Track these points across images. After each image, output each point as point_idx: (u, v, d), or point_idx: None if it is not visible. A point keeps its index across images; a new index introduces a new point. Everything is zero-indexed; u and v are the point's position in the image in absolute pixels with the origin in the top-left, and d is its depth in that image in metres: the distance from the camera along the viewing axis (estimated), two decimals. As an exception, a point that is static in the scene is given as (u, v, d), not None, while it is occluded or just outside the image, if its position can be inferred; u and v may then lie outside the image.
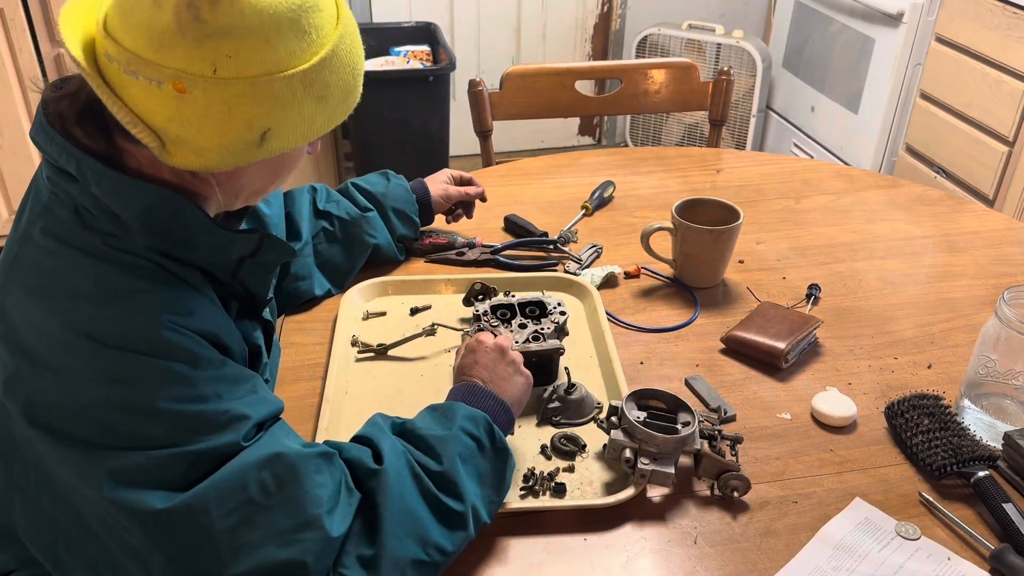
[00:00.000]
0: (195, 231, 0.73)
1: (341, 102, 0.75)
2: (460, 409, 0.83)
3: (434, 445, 0.78)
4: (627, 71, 1.83)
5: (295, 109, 0.70)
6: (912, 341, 1.13)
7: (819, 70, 2.93)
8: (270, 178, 0.80)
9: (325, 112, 0.74)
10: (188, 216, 0.73)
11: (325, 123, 0.75)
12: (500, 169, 1.62)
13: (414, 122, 2.73)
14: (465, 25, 3.25)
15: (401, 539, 0.72)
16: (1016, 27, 2.08)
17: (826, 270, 1.29)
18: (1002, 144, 2.16)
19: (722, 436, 0.90)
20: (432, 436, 0.79)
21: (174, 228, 0.72)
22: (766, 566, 0.80)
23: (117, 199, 0.70)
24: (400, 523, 0.72)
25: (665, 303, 1.20)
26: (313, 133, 0.74)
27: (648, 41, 3.18)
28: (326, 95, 0.72)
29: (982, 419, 0.97)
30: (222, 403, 0.70)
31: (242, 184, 0.78)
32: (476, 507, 0.78)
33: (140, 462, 0.67)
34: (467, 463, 0.78)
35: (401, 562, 0.71)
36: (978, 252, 1.34)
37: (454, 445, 0.78)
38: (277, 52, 0.68)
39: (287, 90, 0.69)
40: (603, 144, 3.66)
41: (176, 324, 0.70)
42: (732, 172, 1.61)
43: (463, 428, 0.80)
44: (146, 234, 0.72)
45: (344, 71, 0.74)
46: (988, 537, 0.83)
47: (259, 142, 0.70)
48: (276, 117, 0.70)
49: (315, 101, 0.72)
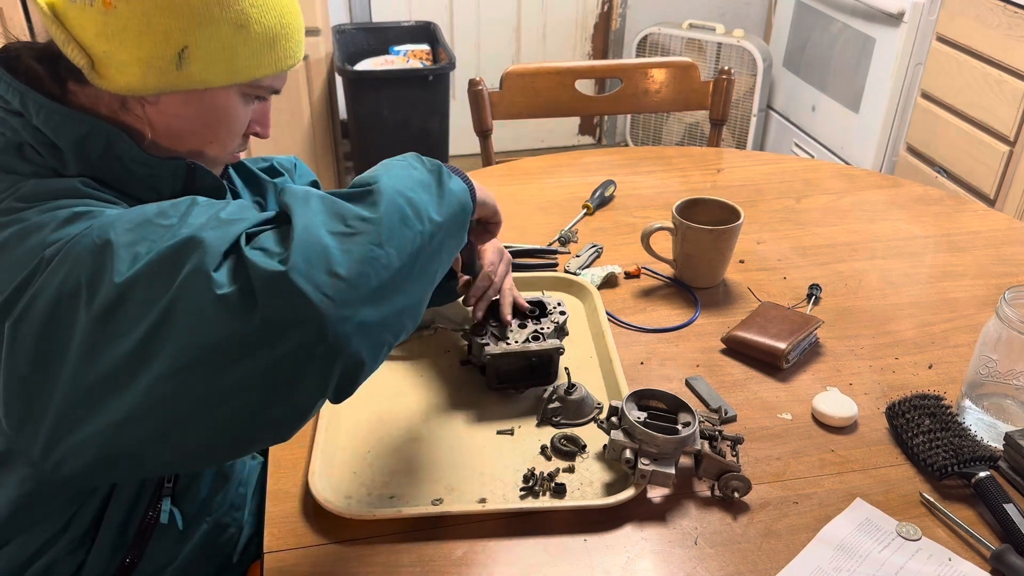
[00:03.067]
0: (127, 162, 0.77)
1: (266, 46, 0.78)
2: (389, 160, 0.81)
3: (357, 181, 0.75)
4: (627, 70, 1.83)
5: (212, 29, 0.74)
6: (913, 341, 1.13)
7: (820, 69, 2.93)
8: (203, 124, 0.80)
9: (247, 47, 0.76)
10: (120, 147, 0.76)
11: (249, 63, 0.77)
12: (500, 169, 1.62)
13: (414, 122, 2.72)
14: (465, 25, 3.25)
15: (313, 212, 0.66)
16: (1017, 26, 2.07)
17: (827, 270, 1.28)
18: (1003, 144, 2.16)
19: (723, 436, 0.90)
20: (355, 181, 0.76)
21: (107, 159, 0.76)
22: (767, 567, 0.80)
23: (54, 129, 0.75)
24: (306, 201, 0.68)
25: (665, 303, 1.20)
26: (238, 71, 0.77)
27: (648, 40, 3.18)
28: (246, 24, 0.75)
29: (983, 419, 0.96)
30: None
31: (171, 123, 0.79)
32: (405, 194, 0.72)
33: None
34: (390, 170, 0.75)
35: (313, 228, 0.65)
36: (979, 252, 1.34)
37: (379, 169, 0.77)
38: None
39: (203, 6, 0.73)
40: (603, 144, 3.66)
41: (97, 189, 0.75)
42: (732, 172, 1.61)
43: (386, 161, 0.79)
44: (80, 164, 0.76)
45: (267, 9, 0.77)
46: (989, 538, 0.83)
47: (178, 61, 0.74)
48: (193, 35, 0.73)
49: (234, 28, 0.75)
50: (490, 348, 0.98)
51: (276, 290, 0.61)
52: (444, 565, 0.80)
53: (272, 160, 1.12)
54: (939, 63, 2.35)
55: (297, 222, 0.65)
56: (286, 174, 1.11)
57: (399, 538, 0.82)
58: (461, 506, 0.85)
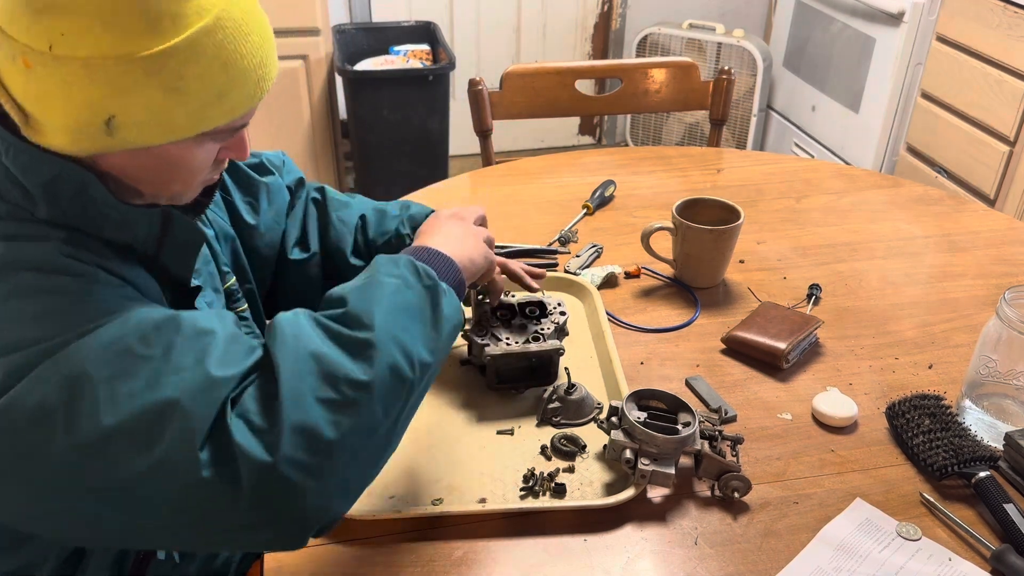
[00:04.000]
0: (100, 206, 0.72)
1: (210, 100, 0.69)
2: (379, 261, 0.78)
3: (344, 295, 0.73)
4: (627, 70, 1.83)
5: (139, 98, 0.66)
6: (913, 341, 1.13)
7: (820, 69, 2.93)
8: (160, 175, 0.75)
9: (186, 108, 0.68)
10: (92, 191, 0.71)
11: (191, 120, 0.69)
12: (500, 169, 1.62)
13: (414, 122, 2.73)
14: (465, 25, 3.25)
15: (301, 375, 0.66)
16: (1017, 26, 2.07)
17: (827, 270, 1.28)
18: (1003, 144, 2.16)
19: (723, 436, 0.90)
20: (343, 289, 0.75)
21: (80, 202, 0.71)
22: (767, 567, 0.80)
23: (22, 169, 0.70)
24: (298, 360, 0.66)
25: (665, 303, 1.20)
26: (178, 130, 0.69)
27: (648, 40, 3.18)
28: (180, 87, 0.67)
29: (983, 419, 0.96)
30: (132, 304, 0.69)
31: (125, 171, 0.74)
32: (398, 338, 0.70)
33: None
34: (383, 300, 0.73)
35: (303, 398, 0.65)
36: (979, 252, 1.34)
37: (367, 288, 0.74)
38: (114, 35, 0.64)
39: (123, 75, 0.65)
40: (603, 144, 3.66)
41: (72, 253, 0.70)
42: (732, 172, 1.61)
43: (383, 271, 0.76)
44: (50, 207, 0.71)
45: (208, 64, 0.68)
46: (989, 538, 0.83)
47: (107, 130, 0.67)
48: (118, 104, 0.67)
49: (165, 92, 0.67)
50: (490, 348, 0.98)
51: (263, 481, 0.63)
52: (444, 565, 0.80)
53: (262, 156, 1.08)
54: (939, 63, 2.35)
55: (284, 385, 0.65)
56: (275, 171, 1.08)
57: (399, 538, 0.82)
58: (461, 506, 0.85)
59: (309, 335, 0.69)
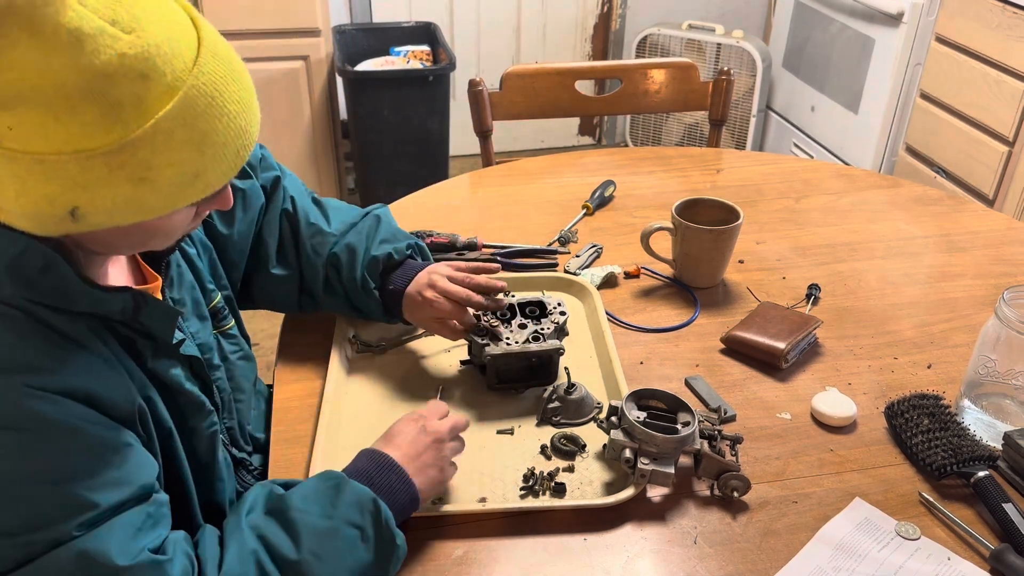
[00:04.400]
0: (69, 287, 0.67)
1: (185, 183, 0.64)
2: (349, 491, 0.75)
3: (302, 531, 0.71)
4: (627, 71, 1.83)
5: (105, 191, 0.61)
6: (912, 341, 1.13)
7: (819, 70, 2.94)
8: (136, 239, 0.71)
9: (159, 194, 0.63)
10: (59, 271, 0.66)
11: (166, 203, 0.64)
12: (500, 169, 1.62)
13: (414, 122, 2.73)
14: (465, 25, 3.26)
15: None
16: (1016, 27, 2.08)
17: (826, 270, 1.29)
18: (1002, 144, 2.16)
19: (722, 436, 0.90)
20: (305, 517, 0.73)
21: (48, 280, 0.66)
22: (766, 566, 0.80)
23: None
24: None
25: (665, 303, 1.20)
26: (151, 211, 0.64)
27: (648, 41, 3.18)
28: (150, 177, 0.62)
29: (982, 419, 0.97)
30: (67, 486, 0.63)
31: (100, 245, 0.70)
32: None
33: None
34: (337, 559, 0.71)
35: None
36: (978, 252, 1.34)
37: (327, 536, 0.72)
38: (68, 129, 0.58)
39: (83, 171, 0.60)
40: (603, 144, 3.66)
41: (30, 387, 0.63)
42: (732, 172, 1.61)
43: (345, 517, 0.73)
44: (15, 284, 0.66)
45: (179, 150, 0.62)
46: (988, 537, 0.83)
47: (71, 218, 0.62)
48: (81, 198, 0.61)
49: (133, 184, 0.61)
50: (490, 348, 0.98)
51: None
52: (444, 564, 0.80)
53: None
54: (938, 63, 2.35)
55: None
56: (252, 172, 1.03)
57: (399, 537, 0.82)
58: (461, 506, 0.85)
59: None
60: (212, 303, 0.93)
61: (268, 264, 1.04)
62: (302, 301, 1.08)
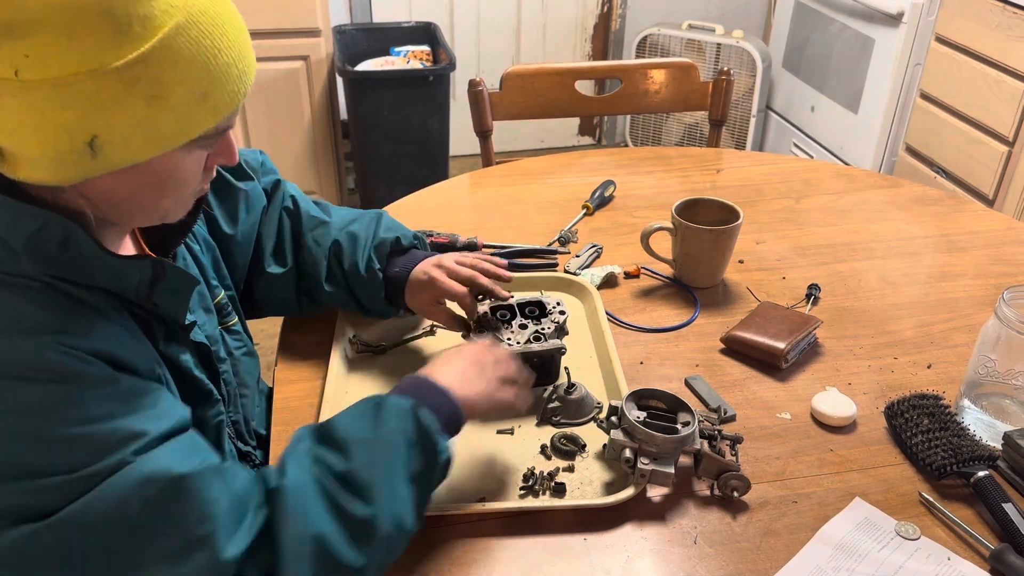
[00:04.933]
0: (88, 256, 0.69)
1: (194, 104, 0.66)
2: (388, 405, 0.77)
3: (350, 446, 0.74)
4: (627, 71, 1.83)
5: (120, 112, 0.63)
6: (912, 341, 1.13)
7: (819, 70, 2.94)
8: (151, 193, 0.71)
9: (171, 114, 0.65)
10: (78, 242, 0.68)
11: (178, 128, 0.66)
12: (500, 169, 1.62)
13: (414, 122, 2.73)
14: (465, 25, 3.26)
15: (301, 562, 0.68)
16: (1016, 27, 2.08)
17: (826, 270, 1.29)
18: (1002, 144, 2.16)
19: (722, 436, 0.90)
20: (352, 433, 0.75)
21: (66, 253, 0.68)
22: (766, 566, 0.80)
23: (4, 224, 0.67)
24: (300, 546, 0.68)
25: (665, 303, 1.20)
26: (166, 140, 0.66)
27: (648, 41, 3.18)
28: (162, 94, 0.64)
29: (982, 419, 0.97)
30: (114, 422, 0.66)
31: (111, 196, 0.70)
32: (395, 511, 0.73)
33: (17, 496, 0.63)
34: (387, 465, 0.74)
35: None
36: (978, 252, 1.34)
37: (374, 446, 0.74)
38: (83, 48, 0.60)
39: (100, 90, 0.61)
40: (603, 144, 3.66)
41: (62, 345, 0.65)
42: (732, 172, 1.61)
43: (388, 428, 0.76)
44: (34, 260, 0.67)
45: (187, 65, 0.64)
46: (988, 537, 0.83)
47: (90, 151, 0.63)
48: (98, 121, 0.62)
49: (147, 102, 0.63)
50: None
51: None
52: (444, 565, 0.80)
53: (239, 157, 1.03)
54: (938, 63, 2.35)
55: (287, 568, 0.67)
56: (253, 175, 1.04)
57: (399, 537, 0.82)
58: (461, 506, 0.85)
59: (314, 512, 0.70)
60: (216, 299, 0.94)
61: (265, 263, 1.05)
62: (301, 301, 1.08)
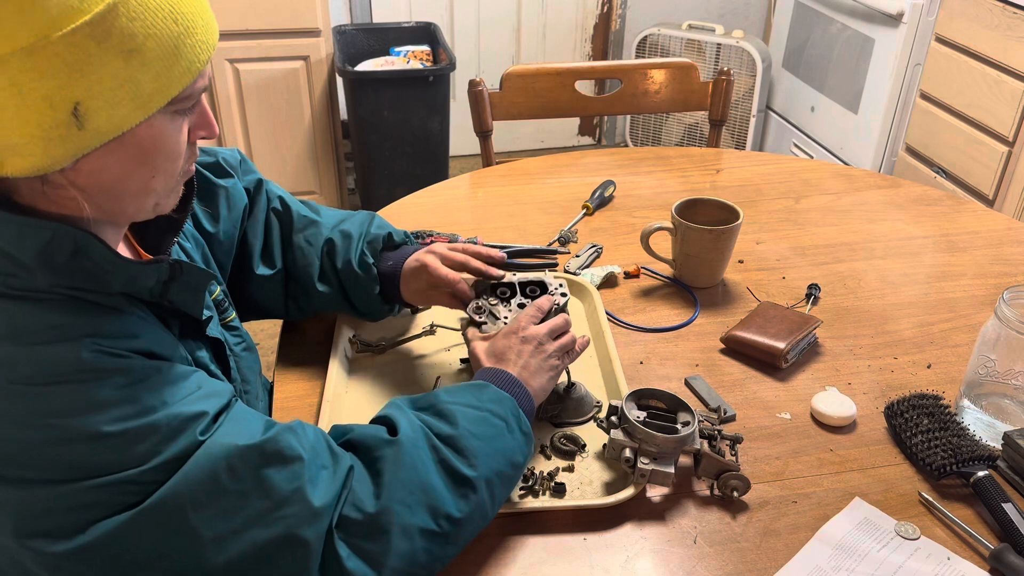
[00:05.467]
0: (101, 263, 0.68)
1: (169, 57, 0.64)
2: (489, 389, 0.84)
3: (456, 415, 0.79)
4: (627, 71, 1.83)
5: (99, 72, 0.61)
6: (912, 341, 1.13)
7: (819, 70, 2.94)
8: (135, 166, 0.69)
9: (148, 70, 0.63)
10: (91, 249, 0.67)
11: (158, 84, 0.64)
12: (500, 169, 1.62)
13: (414, 122, 2.73)
14: (465, 25, 3.26)
15: (411, 507, 0.72)
16: (1016, 27, 2.08)
17: (826, 270, 1.29)
18: (1002, 144, 2.16)
19: (722, 436, 0.90)
20: (456, 406, 0.80)
21: (79, 263, 0.67)
22: (766, 566, 0.81)
23: (12, 241, 0.65)
24: (411, 492, 0.72)
25: (665, 303, 1.20)
26: (149, 99, 0.64)
27: (648, 41, 3.19)
28: (136, 47, 0.62)
29: (982, 419, 0.97)
30: (171, 408, 0.67)
31: (101, 179, 0.67)
32: (492, 481, 0.78)
33: (97, 492, 0.64)
34: (490, 439, 0.79)
35: (410, 530, 0.71)
36: (978, 252, 1.34)
37: (479, 421, 0.79)
38: (47, 9, 0.58)
39: (75, 50, 0.59)
40: (603, 144, 3.66)
41: (102, 347, 0.66)
42: (732, 172, 1.61)
43: (490, 408, 0.81)
44: (48, 273, 0.67)
45: (153, 16, 0.63)
46: (988, 537, 0.83)
47: (76, 122, 0.61)
48: (79, 86, 0.60)
49: (123, 57, 0.61)
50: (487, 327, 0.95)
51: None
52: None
53: (218, 155, 1.02)
54: (938, 64, 2.35)
55: (397, 516, 0.71)
56: (233, 172, 1.03)
57: (399, 537, 0.82)
58: (461, 505, 0.85)
59: (425, 462, 0.75)
60: (213, 295, 0.93)
61: (253, 265, 1.04)
62: (288, 306, 1.08)
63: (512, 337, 0.91)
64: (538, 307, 0.95)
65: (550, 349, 0.91)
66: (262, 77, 2.68)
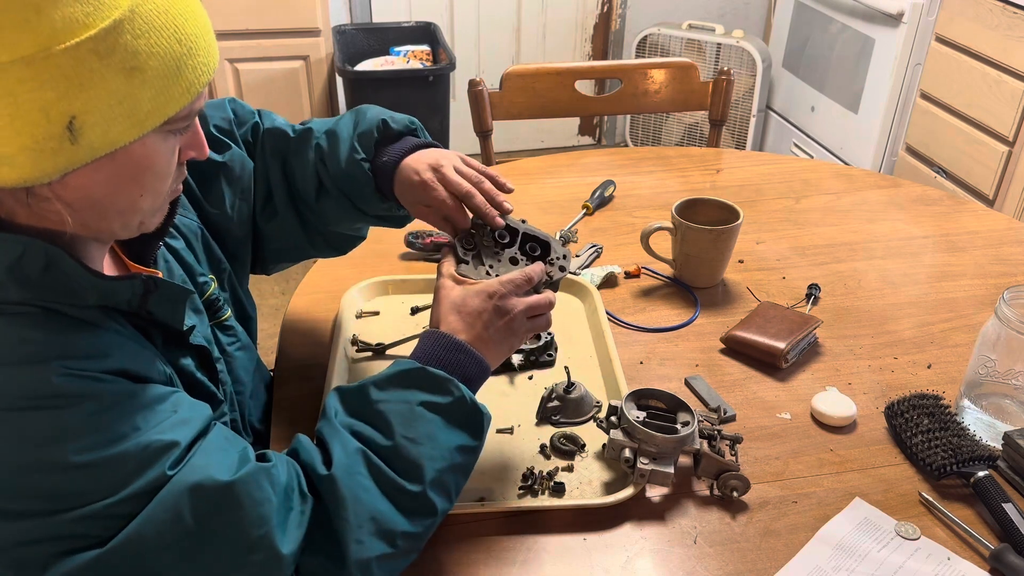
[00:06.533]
0: (73, 278, 0.67)
1: (170, 77, 0.64)
2: (423, 376, 0.78)
3: (390, 419, 0.75)
4: (627, 71, 1.83)
5: (98, 87, 0.60)
6: (912, 341, 1.13)
7: (819, 70, 2.94)
8: (124, 182, 0.68)
9: (148, 89, 0.63)
10: (63, 264, 0.66)
11: (156, 103, 0.64)
12: (500, 169, 1.62)
13: (414, 122, 2.73)
14: (465, 25, 3.26)
15: (363, 541, 0.70)
16: (1016, 27, 2.08)
17: (826, 270, 1.29)
18: (1002, 144, 2.16)
19: (722, 436, 0.90)
20: (388, 404, 0.76)
21: (52, 278, 0.66)
22: (766, 566, 0.80)
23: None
24: (359, 526, 0.70)
25: (665, 303, 1.20)
26: (145, 117, 0.63)
27: (648, 41, 3.18)
28: (138, 65, 0.61)
29: (982, 419, 0.97)
30: (142, 436, 0.65)
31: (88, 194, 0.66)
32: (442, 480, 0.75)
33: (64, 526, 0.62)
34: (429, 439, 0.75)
35: (367, 563, 0.70)
36: (978, 252, 1.34)
37: (414, 421, 0.75)
38: (52, 21, 0.58)
39: (76, 64, 0.59)
40: (603, 144, 3.66)
41: (74, 369, 0.64)
42: (732, 172, 1.61)
43: (423, 401, 0.76)
44: (20, 287, 0.65)
45: (158, 35, 0.62)
46: (988, 537, 0.83)
47: (70, 136, 0.60)
48: (77, 100, 0.60)
49: (124, 74, 0.61)
50: (463, 269, 0.88)
51: None
52: (444, 565, 0.80)
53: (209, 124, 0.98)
54: (938, 64, 2.35)
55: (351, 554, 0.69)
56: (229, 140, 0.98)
57: (399, 537, 0.82)
58: (460, 506, 0.85)
59: (368, 489, 0.72)
60: (206, 294, 0.91)
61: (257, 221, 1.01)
62: (313, 240, 1.03)
63: (488, 301, 0.83)
64: (527, 276, 0.86)
65: (519, 330, 0.84)
66: (262, 77, 2.68)
